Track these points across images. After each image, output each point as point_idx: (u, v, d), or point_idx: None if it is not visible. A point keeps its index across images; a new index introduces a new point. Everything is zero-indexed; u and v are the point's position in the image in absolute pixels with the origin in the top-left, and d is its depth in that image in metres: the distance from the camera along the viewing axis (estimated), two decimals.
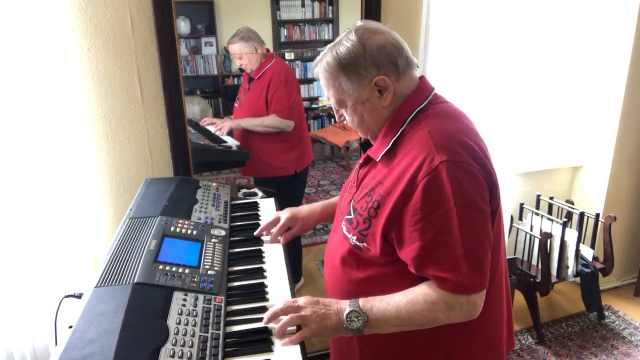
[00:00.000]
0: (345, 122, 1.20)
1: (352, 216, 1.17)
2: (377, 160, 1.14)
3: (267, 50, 2.17)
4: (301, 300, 1.09)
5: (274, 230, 1.48)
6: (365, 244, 1.13)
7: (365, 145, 1.25)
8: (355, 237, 1.14)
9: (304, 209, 1.51)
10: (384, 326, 1.07)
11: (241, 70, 2.20)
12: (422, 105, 1.13)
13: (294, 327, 1.06)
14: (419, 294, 1.05)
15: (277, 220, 1.49)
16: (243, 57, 2.14)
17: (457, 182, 1.00)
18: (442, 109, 1.14)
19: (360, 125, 1.17)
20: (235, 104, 2.24)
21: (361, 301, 1.07)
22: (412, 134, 1.09)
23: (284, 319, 1.06)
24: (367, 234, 1.12)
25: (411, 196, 1.03)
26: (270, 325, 1.08)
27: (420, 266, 1.04)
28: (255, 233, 1.48)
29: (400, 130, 1.11)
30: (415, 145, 1.06)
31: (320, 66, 1.14)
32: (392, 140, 1.12)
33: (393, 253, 1.10)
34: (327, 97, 1.19)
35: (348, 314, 1.05)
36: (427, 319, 1.05)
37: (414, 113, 1.12)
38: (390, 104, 1.12)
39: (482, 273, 1.03)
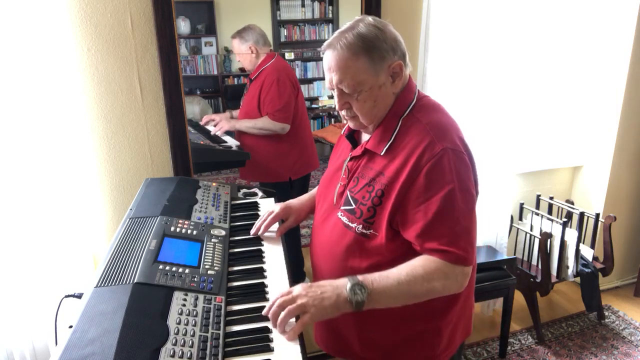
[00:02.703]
0: (347, 109, 1.20)
1: (354, 206, 1.20)
2: (382, 154, 1.19)
3: (271, 50, 2.16)
4: (296, 290, 1.09)
5: (267, 221, 1.47)
6: (372, 231, 1.18)
7: (351, 137, 1.31)
8: (360, 226, 1.19)
9: (294, 201, 1.55)
10: (384, 299, 1.10)
11: (242, 70, 2.20)
12: (414, 101, 1.21)
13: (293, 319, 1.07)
14: (418, 265, 1.11)
15: (270, 213, 1.49)
16: (239, 54, 2.14)
17: (455, 167, 1.11)
18: (428, 103, 1.23)
19: (370, 111, 1.19)
20: (241, 105, 2.23)
21: (360, 277, 1.10)
22: (408, 126, 1.18)
23: (283, 313, 1.05)
24: (373, 221, 1.17)
25: (415, 180, 1.11)
26: (270, 325, 1.07)
27: (424, 241, 1.11)
28: (252, 232, 1.48)
29: (399, 124, 1.19)
30: (415, 136, 1.15)
31: (340, 46, 1.12)
32: (395, 133, 1.18)
33: (396, 237, 1.16)
34: (336, 82, 1.15)
35: (351, 287, 1.07)
36: (426, 289, 1.10)
37: (409, 108, 1.20)
38: (398, 91, 1.20)
39: (474, 249, 1.16)
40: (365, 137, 1.29)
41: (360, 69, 1.13)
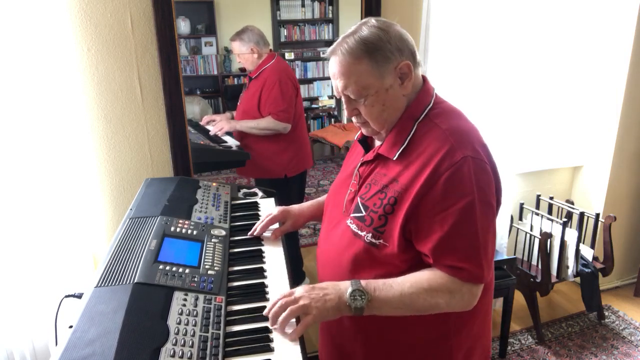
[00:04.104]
0: (357, 115, 1.17)
1: (364, 214, 1.16)
2: (394, 158, 1.14)
3: (271, 50, 2.16)
4: (298, 291, 1.08)
5: (264, 223, 1.47)
6: (381, 241, 1.13)
7: (364, 142, 1.26)
8: (370, 235, 1.14)
9: (294, 207, 1.53)
10: (385, 308, 1.07)
11: (242, 70, 2.20)
12: (430, 105, 1.16)
13: (294, 320, 1.06)
14: (423, 278, 1.07)
15: (268, 216, 1.49)
16: (240, 56, 2.14)
17: (476, 177, 1.05)
18: (447, 108, 1.17)
19: (380, 115, 1.14)
20: (238, 102, 2.24)
21: (363, 282, 1.08)
22: (425, 131, 1.12)
23: (284, 314, 1.05)
24: (383, 230, 1.12)
25: (432, 188, 1.05)
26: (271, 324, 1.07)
27: (439, 256, 1.06)
28: (250, 233, 1.48)
29: (414, 128, 1.13)
30: (433, 142, 1.09)
31: (341, 52, 1.10)
32: (409, 137, 1.13)
33: (409, 249, 1.11)
34: (341, 88, 1.13)
35: (352, 292, 1.05)
36: (429, 304, 1.07)
37: (425, 112, 1.14)
38: (408, 92, 1.14)
39: (490, 265, 1.10)
40: (378, 141, 1.25)
41: (363, 73, 1.09)
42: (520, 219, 2.81)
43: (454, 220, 1.04)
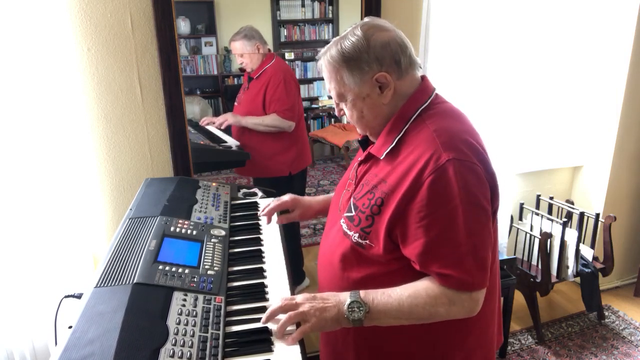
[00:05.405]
0: (344, 115, 1.21)
1: (354, 213, 1.16)
2: (381, 158, 1.15)
3: (269, 50, 2.17)
4: (299, 298, 1.08)
5: (273, 206, 1.49)
6: (367, 241, 1.13)
7: (363, 142, 1.27)
8: (357, 235, 1.14)
9: (306, 198, 1.54)
10: (384, 318, 1.06)
11: (242, 70, 2.20)
12: (425, 105, 1.14)
13: (294, 326, 1.06)
14: (421, 287, 1.06)
15: (278, 199, 1.50)
16: (244, 55, 2.14)
17: (462, 180, 1.02)
18: (444, 108, 1.16)
19: (360, 120, 1.18)
20: (235, 103, 2.24)
21: (362, 293, 1.07)
22: (416, 132, 1.11)
23: (283, 318, 1.05)
24: (370, 231, 1.12)
25: (417, 193, 1.04)
26: (270, 325, 1.07)
27: (425, 263, 1.05)
28: (259, 214, 1.49)
29: (405, 129, 1.13)
30: (421, 143, 1.08)
31: (325, 59, 1.15)
32: (397, 138, 1.13)
33: (396, 250, 1.10)
34: (328, 90, 1.20)
35: (350, 304, 1.05)
36: (429, 313, 1.06)
37: (417, 112, 1.13)
38: (390, 101, 1.14)
39: (485, 270, 1.05)
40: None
41: (340, 81, 1.13)
42: (520, 219, 2.81)
43: (439, 226, 1.02)
